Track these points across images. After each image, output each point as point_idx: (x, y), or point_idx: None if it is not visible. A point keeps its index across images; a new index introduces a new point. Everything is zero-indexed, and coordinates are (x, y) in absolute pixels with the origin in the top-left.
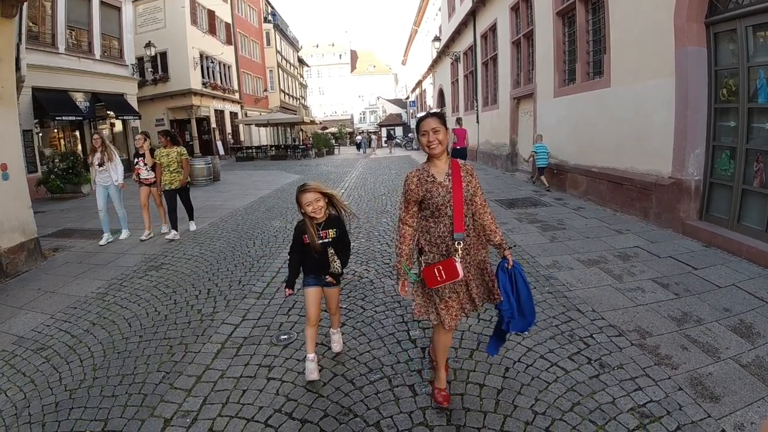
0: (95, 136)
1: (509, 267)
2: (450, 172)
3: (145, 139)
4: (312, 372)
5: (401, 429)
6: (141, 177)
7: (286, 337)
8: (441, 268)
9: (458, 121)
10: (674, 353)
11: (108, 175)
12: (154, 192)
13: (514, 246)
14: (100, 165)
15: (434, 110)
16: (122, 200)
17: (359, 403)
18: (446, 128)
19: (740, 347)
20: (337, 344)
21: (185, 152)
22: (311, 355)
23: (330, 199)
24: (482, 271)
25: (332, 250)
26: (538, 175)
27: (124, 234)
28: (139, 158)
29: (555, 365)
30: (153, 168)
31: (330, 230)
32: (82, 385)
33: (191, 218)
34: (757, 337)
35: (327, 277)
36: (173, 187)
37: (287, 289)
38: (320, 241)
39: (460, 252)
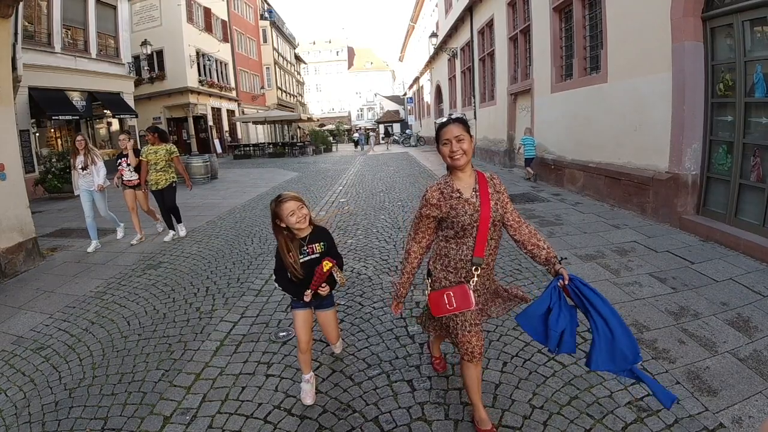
0: (78, 138)
1: (565, 283)
2: (477, 187)
3: (129, 139)
4: (307, 394)
5: (399, 424)
6: (124, 179)
7: (284, 334)
8: (451, 294)
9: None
10: (672, 347)
11: (92, 179)
12: (140, 195)
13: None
14: (84, 168)
15: (456, 115)
16: (107, 203)
17: (358, 399)
18: (471, 135)
19: (737, 341)
20: (337, 349)
21: (175, 150)
22: (307, 376)
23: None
24: (495, 291)
25: (335, 268)
26: (525, 165)
27: (120, 233)
28: (122, 159)
29: (552, 359)
30: (137, 169)
31: (317, 244)
32: (81, 384)
33: (179, 221)
34: (754, 331)
35: (307, 292)
36: (159, 187)
37: (306, 294)
38: (307, 258)
39: (476, 279)
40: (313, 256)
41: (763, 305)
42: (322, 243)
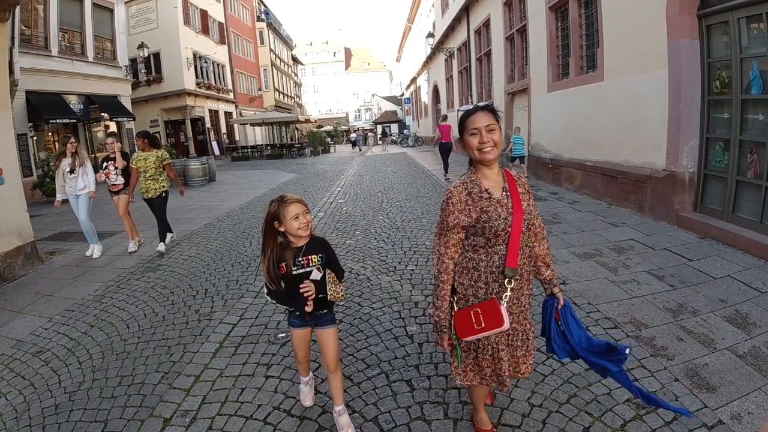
0: (72, 140)
1: (559, 307)
2: (507, 186)
3: (116, 141)
4: (306, 396)
5: (399, 424)
6: (109, 183)
7: (283, 335)
8: (479, 311)
9: (444, 117)
10: (670, 344)
11: (75, 183)
12: (122, 198)
13: None
14: (71, 172)
15: (485, 103)
16: (89, 211)
17: (357, 399)
18: (500, 127)
19: (736, 338)
20: (342, 417)
21: (167, 156)
22: (306, 378)
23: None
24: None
25: (331, 273)
26: (511, 162)
27: (97, 251)
28: (109, 162)
29: (551, 357)
30: (124, 173)
31: (314, 256)
32: (81, 387)
33: (162, 238)
34: (752, 328)
35: (308, 304)
36: (149, 195)
37: (308, 304)
38: (301, 270)
39: (509, 293)
40: (308, 269)
41: (761, 302)
42: (319, 255)
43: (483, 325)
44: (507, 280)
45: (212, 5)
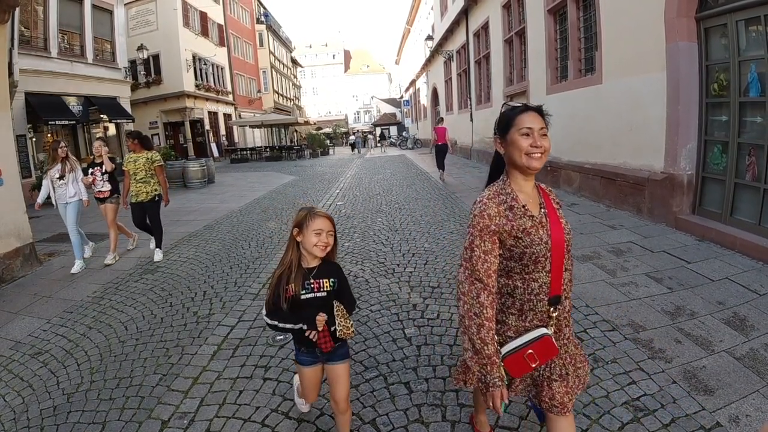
0: (62, 144)
1: None
2: (543, 202)
3: (104, 145)
4: (304, 404)
5: (397, 426)
6: (95, 189)
7: (281, 337)
8: (533, 352)
9: (440, 120)
10: (668, 347)
11: (65, 191)
12: (110, 208)
13: None
14: (61, 178)
15: (536, 105)
16: (78, 221)
17: (355, 402)
18: None
19: (734, 340)
20: None
21: (159, 158)
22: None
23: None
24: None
25: (339, 305)
26: None
27: (77, 266)
28: (95, 167)
29: None
30: (111, 179)
31: (325, 280)
32: (79, 388)
33: (158, 245)
34: (750, 330)
35: (311, 332)
36: (139, 199)
37: (310, 332)
38: (311, 294)
39: (553, 322)
40: (318, 294)
41: (759, 304)
42: (332, 280)
43: (539, 360)
44: (552, 309)
45: (212, 7)
